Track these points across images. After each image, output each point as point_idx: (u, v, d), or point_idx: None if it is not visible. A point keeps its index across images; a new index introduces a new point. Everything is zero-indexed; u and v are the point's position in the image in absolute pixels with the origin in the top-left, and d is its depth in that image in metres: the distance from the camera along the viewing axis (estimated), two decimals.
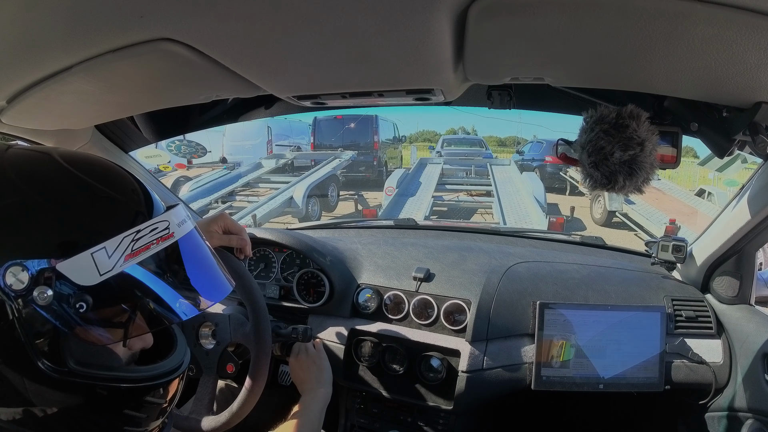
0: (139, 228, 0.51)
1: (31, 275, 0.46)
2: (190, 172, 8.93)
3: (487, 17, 0.51)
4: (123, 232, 0.50)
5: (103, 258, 0.48)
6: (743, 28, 0.48)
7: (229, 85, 0.77)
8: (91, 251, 0.47)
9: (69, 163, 0.53)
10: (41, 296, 0.46)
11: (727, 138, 0.77)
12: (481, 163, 10.40)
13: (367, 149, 10.85)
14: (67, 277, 0.47)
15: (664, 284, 1.33)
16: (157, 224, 0.53)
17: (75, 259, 0.47)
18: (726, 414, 1.19)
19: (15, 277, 0.45)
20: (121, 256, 0.49)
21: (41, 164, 0.53)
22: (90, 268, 0.47)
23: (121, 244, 0.49)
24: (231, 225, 0.98)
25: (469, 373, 1.16)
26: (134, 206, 0.54)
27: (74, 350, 0.50)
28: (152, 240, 0.52)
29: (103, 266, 0.48)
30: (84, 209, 0.51)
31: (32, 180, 0.50)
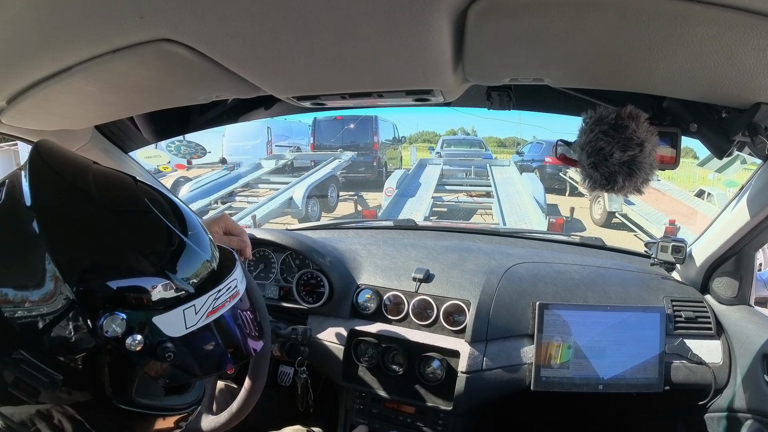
0: (219, 288, 0.57)
1: (128, 326, 0.50)
2: (189, 172, 8.93)
3: (487, 18, 0.51)
4: (209, 292, 0.55)
5: (191, 314, 0.54)
6: (742, 29, 0.48)
7: (228, 85, 0.77)
8: (183, 308, 0.53)
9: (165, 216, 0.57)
10: (132, 343, 0.50)
11: (727, 139, 0.77)
12: (480, 163, 10.40)
13: (367, 150, 10.86)
14: (158, 329, 0.51)
15: (664, 285, 1.33)
16: (230, 283, 0.59)
17: (169, 314, 0.52)
18: (725, 414, 1.19)
19: (113, 325, 0.49)
20: (204, 313, 0.55)
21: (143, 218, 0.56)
22: (179, 322, 0.53)
23: (207, 303, 0.55)
24: (232, 226, 0.99)
25: (468, 373, 1.16)
26: (215, 266, 0.60)
27: (140, 385, 0.54)
28: (227, 298, 0.58)
29: (190, 321, 0.53)
30: (183, 269, 0.55)
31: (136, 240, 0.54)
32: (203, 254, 0.58)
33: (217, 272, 0.59)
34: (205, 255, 0.58)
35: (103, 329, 0.48)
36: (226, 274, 0.59)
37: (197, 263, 0.57)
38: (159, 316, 0.51)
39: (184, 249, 0.56)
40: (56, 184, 0.54)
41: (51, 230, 0.50)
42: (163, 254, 0.55)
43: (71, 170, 0.56)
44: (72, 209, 0.53)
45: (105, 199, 0.54)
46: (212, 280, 0.58)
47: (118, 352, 0.50)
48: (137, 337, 0.50)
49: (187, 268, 0.55)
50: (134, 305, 0.51)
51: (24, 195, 0.50)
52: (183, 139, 1.62)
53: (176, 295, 0.53)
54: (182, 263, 0.55)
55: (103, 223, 0.53)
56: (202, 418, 0.95)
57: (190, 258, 0.56)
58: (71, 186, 0.54)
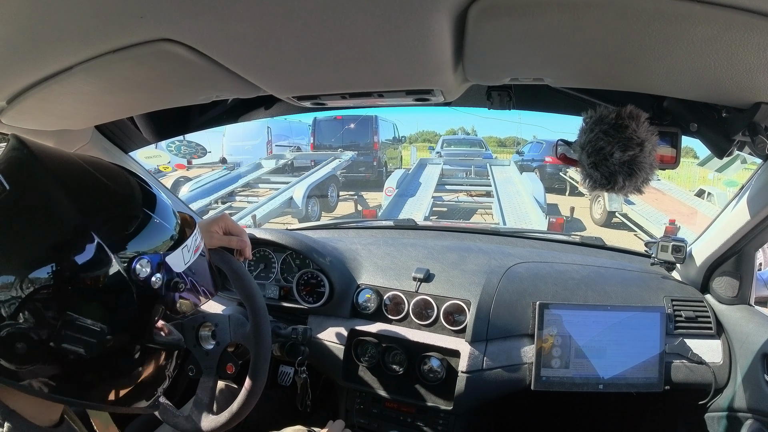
0: (194, 233, 0.69)
1: (151, 266, 0.59)
2: (189, 172, 8.93)
3: (487, 18, 0.51)
4: (193, 233, 0.68)
5: (186, 252, 0.65)
6: (742, 28, 0.48)
7: (228, 85, 0.77)
8: (181, 247, 0.64)
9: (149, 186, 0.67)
10: (156, 281, 0.60)
11: (727, 138, 0.77)
12: (480, 163, 10.40)
13: (367, 150, 10.86)
14: (170, 267, 0.62)
15: (664, 284, 1.33)
16: (197, 235, 0.70)
17: (175, 253, 0.63)
18: (726, 414, 1.19)
19: (142, 267, 0.58)
20: (191, 251, 0.67)
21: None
22: (180, 259, 0.64)
23: (191, 242, 0.67)
24: (232, 226, 1.01)
25: (468, 373, 1.16)
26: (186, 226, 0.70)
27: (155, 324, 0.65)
28: (197, 245, 0.70)
29: (187, 258, 0.65)
30: (173, 221, 0.66)
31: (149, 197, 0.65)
32: (176, 213, 0.69)
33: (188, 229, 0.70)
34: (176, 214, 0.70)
35: (136, 272, 0.57)
36: (192, 232, 0.70)
37: (177, 217, 0.68)
38: (169, 255, 0.62)
39: (168, 208, 0.66)
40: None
41: (74, 191, 0.56)
42: (160, 212, 0.64)
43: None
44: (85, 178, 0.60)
45: (109, 172, 0.63)
46: (186, 233, 0.68)
47: (146, 290, 0.58)
48: (158, 275, 0.59)
49: (175, 221, 0.67)
50: (152, 249, 0.60)
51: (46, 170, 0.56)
52: (183, 139, 1.63)
53: (175, 238, 0.64)
54: (172, 217, 0.66)
55: (114, 187, 0.61)
56: (202, 418, 0.95)
57: (173, 214, 0.67)
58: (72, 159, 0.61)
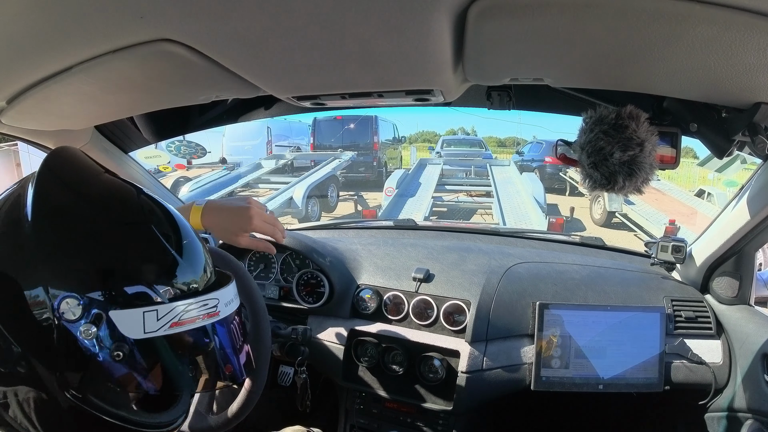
0: (191, 301, 0.53)
1: (84, 312, 0.48)
2: (189, 172, 8.93)
3: (487, 18, 0.51)
4: (177, 302, 0.52)
5: (152, 319, 0.50)
6: (742, 28, 0.48)
7: (228, 85, 0.77)
8: (144, 310, 0.50)
9: (148, 210, 0.55)
10: (86, 331, 0.48)
11: (727, 138, 0.77)
12: (480, 163, 10.40)
13: (367, 150, 10.85)
14: (114, 325, 0.49)
15: (664, 285, 1.33)
16: (209, 301, 0.55)
17: (127, 312, 0.49)
18: (726, 414, 1.19)
19: (69, 307, 0.47)
20: (168, 322, 0.51)
21: (125, 197, 0.56)
22: (137, 324, 0.49)
23: (172, 312, 0.51)
24: (260, 226, 0.97)
25: (468, 373, 1.16)
26: (196, 277, 0.56)
27: (93, 382, 0.51)
28: (200, 315, 0.53)
29: (150, 326, 0.50)
30: (154, 268, 0.53)
31: (112, 212, 0.53)
32: (185, 265, 0.55)
33: (197, 286, 0.56)
34: (189, 267, 0.55)
35: (59, 310, 0.47)
36: (206, 291, 0.55)
37: (172, 271, 0.54)
38: (116, 311, 0.49)
39: (164, 254, 0.54)
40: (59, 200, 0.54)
41: (38, 212, 0.50)
42: (135, 246, 0.53)
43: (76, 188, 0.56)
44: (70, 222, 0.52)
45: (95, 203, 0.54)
46: (187, 292, 0.54)
47: (72, 336, 0.48)
48: (92, 328, 0.48)
49: (161, 271, 0.53)
50: (93, 293, 0.49)
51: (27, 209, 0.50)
52: (183, 139, 1.63)
53: (139, 292, 0.50)
54: (152, 261, 0.53)
55: (82, 212, 0.52)
56: (202, 419, 0.95)
57: (166, 263, 0.54)
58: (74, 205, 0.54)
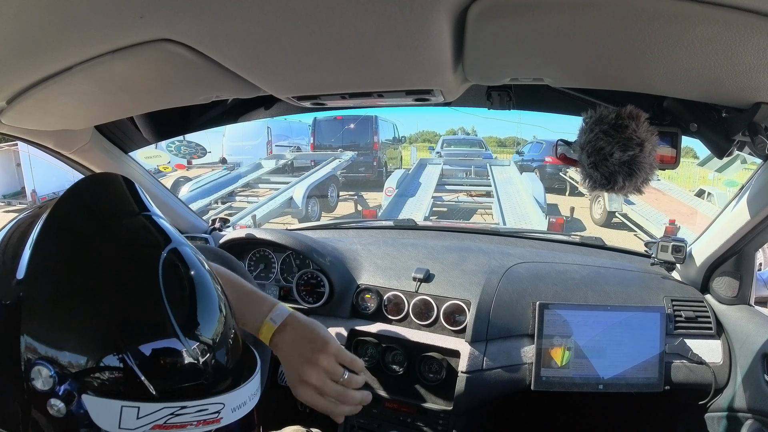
0: (186, 404, 0.43)
1: (55, 387, 0.40)
2: (189, 172, 8.93)
3: (487, 18, 0.51)
4: (167, 403, 0.42)
5: (131, 416, 0.41)
6: (742, 28, 0.48)
7: (228, 85, 0.77)
8: (122, 404, 0.41)
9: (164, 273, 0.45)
10: (53, 407, 0.41)
11: (727, 138, 0.77)
12: (480, 163, 10.40)
13: (367, 150, 10.86)
14: (86, 410, 0.41)
15: (664, 285, 1.33)
16: (209, 406, 0.44)
17: (103, 401, 0.41)
18: (726, 414, 1.19)
19: (41, 377, 0.40)
20: (149, 423, 0.41)
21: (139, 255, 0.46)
22: (113, 416, 0.41)
23: (157, 413, 0.41)
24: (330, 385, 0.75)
25: (468, 373, 1.16)
26: (200, 374, 0.45)
27: None
28: (193, 421, 0.43)
29: (126, 423, 0.41)
30: (149, 353, 0.42)
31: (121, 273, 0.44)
32: (189, 358, 0.44)
33: (197, 385, 0.45)
34: (193, 359, 0.44)
35: (30, 375, 0.40)
36: (210, 394, 0.45)
37: (171, 360, 0.43)
38: (90, 396, 0.41)
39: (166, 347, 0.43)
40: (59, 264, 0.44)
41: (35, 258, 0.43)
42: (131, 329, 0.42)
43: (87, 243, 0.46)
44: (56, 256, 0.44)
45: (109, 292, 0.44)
46: (183, 391, 0.44)
47: (39, 407, 0.41)
48: (60, 404, 0.40)
49: (157, 361, 0.43)
50: (68, 368, 0.41)
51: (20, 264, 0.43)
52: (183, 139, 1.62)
53: (119, 382, 0.41)
54: (153, 351, 0.42)
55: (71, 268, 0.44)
56: None
57: (168, 359, 0.43)
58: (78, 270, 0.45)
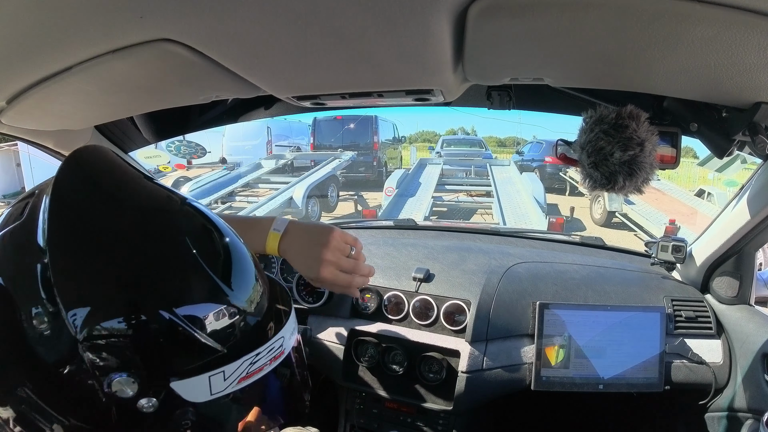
0: (259, 351, 0.47)
1: (140, 388, 0.42)
2: (189, 172, 8.94)
3: (487, 18, 0.51)
4: (244, 356, 0.46)
5: (219, 381, 0.45)
6: (743, 28, 0.48)
7: (228, 85, 0.77)
8: (209, 375, 0.44)
9: (205, 258, 0.46)
10: (146, 404, 0.43)
11: (727, 138, 0.77)
12: (480, 163, 10.41)
13: (367, 150, 10.87)
14: (177, 394, 0.44)
15: (664, 284, 1.33)
16: (275, 343, 0.49)
17: (190, 381, 0.44)
18: (726, 414, 1.19)
19: (123, 386, 0.42)
20: (235, 380, 0.46)
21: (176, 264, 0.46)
22: (203, 388, 0.44)
23: (239, 368, 0.46)
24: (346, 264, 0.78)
25: (468, 373, 1.16)
26: (261, 324, 0.49)
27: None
28: (267, 361, 0.48)
29: (216, 388, 0.45)
30: (219, 329, 0.45)
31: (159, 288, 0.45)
32: (247, 315, 0.47)
33: (261, 330, 0.49)
34: (249, 315, 0.48)
35: (112, 388, 0.42)
36: (272, 333, 0.50)
37: (235, 324, 0.46)
38: (178, 381, 0.43)
39: (221, 300, 0.46)
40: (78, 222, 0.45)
41: (59, 264, 0.41)
42: (191, 304, 0.45)
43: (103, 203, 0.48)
44: (92, 254, 0.44)
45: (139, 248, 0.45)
46: (253, 340, 0.48)
47: (129, 410, 0.43)
48: (152, 400, 0.42)
49: (222, 329, 0.45)
50: (149, 365, 0.42)
51: (38, 225, 0.44)
52: (183, 139, 1.62)
53: (203, 359, 0.44)
54: (215, 318, 0.45)
55: (129, 273, 0.44)
56: None
57: (228, 318, 0.46)
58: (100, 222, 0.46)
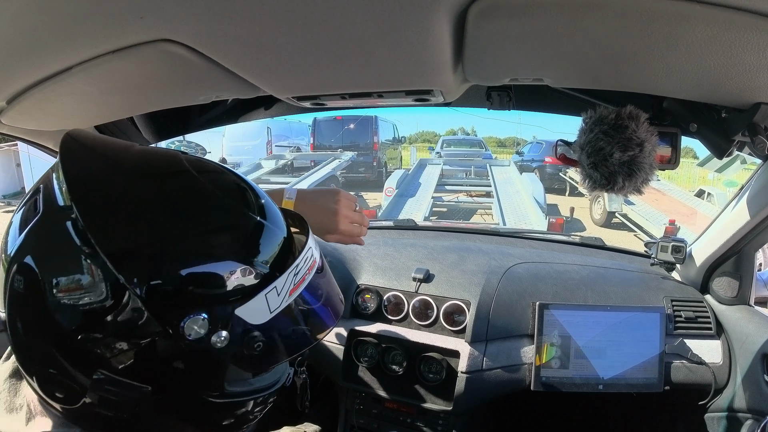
0: (297, 263, 0.51)
1: (211, 324, 0.45)
2: None
3: (487, 18, 0.51)
4: (289, 269, 0.50)
5: (274, 297, 0.49)
6: (742, 29, 0.48)
7: (228, 85, 0.77)
8: (265, 292, 0.48)
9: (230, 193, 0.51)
10: (218, 340, 0.46)
11: (726, 139, 0.77)
12: (480, 163, 10.42)
13: (367, 150, 10.88)
14: (243, 320, 0.47)
15: (664, 285, 1.33)
16: (307, 254, 0.53)
17: (250, 304, 0.47)
18: (725, 414, 1.19)
19: (194, 327, 0.44)
20: (286, 293, 0.50)
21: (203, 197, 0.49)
22: (263, 308, 0.48)
23: (287, 281, 0.50)
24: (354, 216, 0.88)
25: (468, 373, 1.16)
26: (289, 239, 0.54)
27: (230, 376, 0.51)
28: (306, 270, 0.52)
29: (274, 304, 0.49)
30: (258, 249, 0.50)
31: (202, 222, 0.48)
32: (278, 231, 0.52)
33: (291, 245, 0.54)
34: (281, 231, 0.53)
35: (185, 332, 0.44)
36: (302, 246, 0.54)
37: (274, 241, 0.51)
38: (241, 306, 0.47)
39: (257, 227, 0.50)
40: (93, 170, 0.48)
41: (95, 225, 0.43)
42: (234, 236, 0.49)
43: (110, 152, 0.51)
44: (116, 193, 0.46)
45: (154, 176, 0.49)
46: (289, 254, 0.52)
47: (204, 350, 0.45)
48: (222, 334, 0.45)
49: (264, 248, 0.50)
50: (213, 300, 0.45)
51: (56, 196, 0.45)
52: (183, 139, 1.63)
53: (256, 280, 0.48)
54: (257, 242, 0.50)
55: (157, 205, 0.47)
56: None
57: (265, 236, 0.51)
58: (112, 167, 0.49)
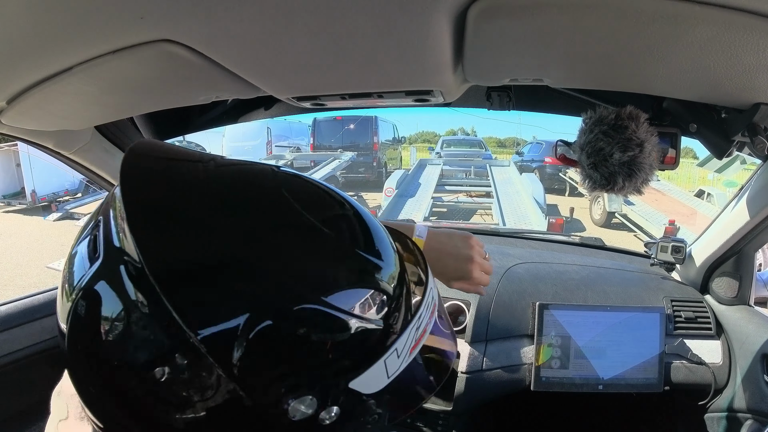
0: (420, 313, 0.42)
1: (320, 402, 0.36)
2: None
3: (487, 19, 0.51)
4: (410, 324, 0.40)
5: (393, 360, 0.39)
6: (742, 29, 0.48)
7: (228, 86, 0.77)
8: (383, 359, 0.38)
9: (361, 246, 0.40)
10: (327, 416, 0.37)
11: (726, 139, 0.77)
12: (480, 164, 10.42)
13: (367, 150, 10.88)
14: (357, 392, 0.38)
15: (664, 285, 1.33)
16: (428, 299, 0.43)
17: (366, 374, 0.38)
18: (725, 415, 1.19)
19: (301, 407, 0.36)
20: (407, 352, 0.40)
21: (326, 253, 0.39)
22: (380, 374, 0.38)
23: (409, 338, 0.40)
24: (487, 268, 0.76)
25: (468, 374, 1.16)
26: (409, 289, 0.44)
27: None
28: (427, 317, 0.43)
29: (392, 368, 0.39)
30: (377, 307, 0.39)
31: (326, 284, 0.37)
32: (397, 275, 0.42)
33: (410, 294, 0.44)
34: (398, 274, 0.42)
35: (289, 415, 0.36)
36: (424, 292, 0.44)
37: (393, 293, 0.40)
38: (355, 380, 0.37)
39: (375, 280, 0.40)
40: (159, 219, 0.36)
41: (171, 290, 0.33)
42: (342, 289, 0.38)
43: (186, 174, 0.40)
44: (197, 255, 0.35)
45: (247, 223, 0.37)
46: (410, 305, 0.43)
47: (311, 427, 0.37)
48: (333, 409, 0.37)
49: (384, 305, 0.39)
50: (322, 373, 0.36)
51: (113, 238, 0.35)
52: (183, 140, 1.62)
53: (373, 346, 0.38)
54: (373, 299, 0.39)
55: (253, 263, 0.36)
56: None
57: (383, 290, 0.40)
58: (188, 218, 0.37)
